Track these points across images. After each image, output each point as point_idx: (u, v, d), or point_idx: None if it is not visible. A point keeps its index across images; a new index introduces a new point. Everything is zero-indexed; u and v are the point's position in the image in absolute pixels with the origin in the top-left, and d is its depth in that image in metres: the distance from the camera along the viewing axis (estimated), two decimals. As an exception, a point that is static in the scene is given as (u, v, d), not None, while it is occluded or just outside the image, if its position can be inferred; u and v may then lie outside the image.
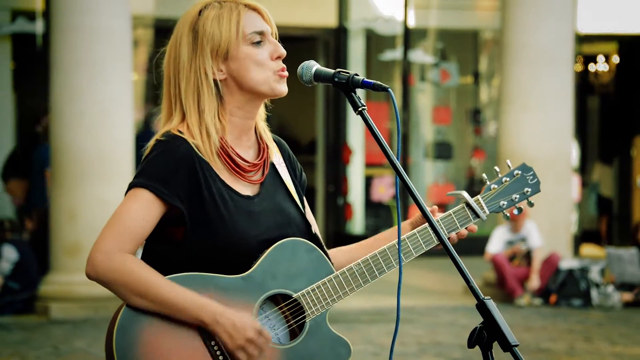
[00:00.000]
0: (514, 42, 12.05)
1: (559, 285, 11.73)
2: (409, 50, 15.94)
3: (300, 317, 2.86)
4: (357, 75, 2.78)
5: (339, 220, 15.88)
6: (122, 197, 2.85)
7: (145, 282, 2.73)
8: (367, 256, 2.91)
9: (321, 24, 15.91)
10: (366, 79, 2.75)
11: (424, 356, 8.63)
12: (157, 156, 2.80)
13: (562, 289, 11.72)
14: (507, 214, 3.03)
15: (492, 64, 16.56)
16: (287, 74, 2.90)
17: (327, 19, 15.74)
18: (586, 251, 16.33)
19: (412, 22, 16.06)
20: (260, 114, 2.97)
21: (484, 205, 3.00)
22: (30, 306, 10.88)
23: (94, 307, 10.42)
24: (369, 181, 16.22)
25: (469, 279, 2.59)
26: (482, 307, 2.57)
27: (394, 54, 16.21)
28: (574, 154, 14.33)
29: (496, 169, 3.04)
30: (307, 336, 2.85)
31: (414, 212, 3.05)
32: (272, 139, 3.03)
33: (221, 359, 2.77)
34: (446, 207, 15.42)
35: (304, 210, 3.01)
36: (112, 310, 2.80)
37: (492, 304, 2.58)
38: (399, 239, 2.89)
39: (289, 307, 2.86)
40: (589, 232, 17.81)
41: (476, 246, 11.79)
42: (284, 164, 3.02)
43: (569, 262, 11.91)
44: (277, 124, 3.71)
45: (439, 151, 16.76)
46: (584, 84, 17.91)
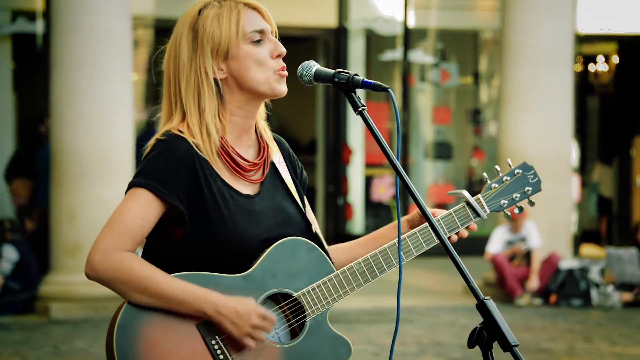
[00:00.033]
0: (514, 42, 12.05)
1: (559, 285, 11.73)
2: (409, 50, 15.94)
3: (300, 316, 2.86)
4: (357, 75, 2.78)
5: (339, 220, 15.87)
6: (122, 196, 2.85)
7: (144, 277, 2.73)
8: (367, 255, 2.91)
9: (321, 24, 15.90)
10: (366, 79, 2.75)
11: (424, 356, 8.63)
12: (157, 155, 2.80)
13: (562, 289, 11.72)
14: (508, 213, 3.03)
15: (492, 64, 16.56)
16: (286, 74, 2.90)
17: (327, 19, 15.74)
18: (586, 251, 16.32)
19: (412, 23, 16.06)
20: (260, 112, 2.97)
21: (484, 204, 3.00)
22: (30, 306, 10.88)
23: (94, 307, 10.42)
24: (369, 181, 16.22)
25: (469, 279, 2.59)
26: (482, 307, 2.57)
27: (394, 54, 16.21)
28: (574, 154, 14.32)
29: (497, 168, 3.04)
30: (308, 335, 2.85)
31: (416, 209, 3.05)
32: (272, 137, 3.03)
33: (221, 358, 2.77)
34: (446, 207, 15.37)
35: (304, 209, 3.01)
36: (112, 310, 2.80)
37: (492, 304, 2.57)
38: (399, 239, 2.89)
39: (289, 307, 2.86)
40: (589, 232, 17.80)
41: (476, 246, 11.78)
42: (284, 163, 3.02)
43: (568, 262, 11.91)
44: (277, 124, 3.71)
45: (439, 151, 16.76)
46: (584, 84, 17.91)
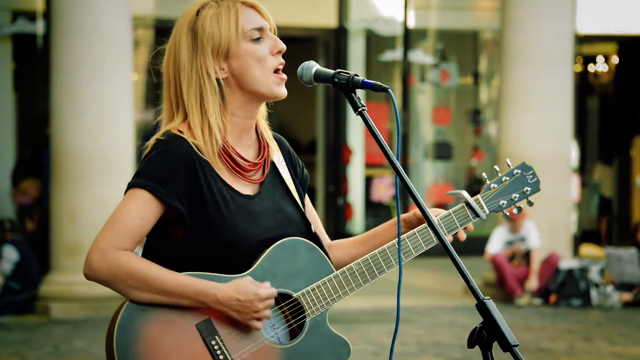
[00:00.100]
0: (514, 42, 12.06)
1: (559, 285, 11.73)
2: (409, 50, 15.94)
3: (300, 316, 2.86)
4: (357, 75, 2.78)
5: (339, 220, 15.87)
6: (122, 197, 2.85)
7: (143, 273, 2.73)
8: (367, 255, 2.91)
9: (321, 25, 15.90)
10: (366, 80, 2.75)
11: (424, 356, 8.64)
12: (156, 156, 2.80)
13: (562, 289, 11.73)
14: (507, 213, 3.03)
15: (491, 64, 16.56)
16: (285, 77, 2.89)
17: (327, 19, 15.74)
18: (586, 251, 16.32)
19: (412, 23, 16.06)
20: (261, 112, 2.97)
21: (483, 204, 3.00)
22: (30, 306, 10.88)
23: (94, 307, 10.43)
24: (369, 181, 16.22)
25: (468, 279, 2.60)
26: (482, 307, 2.57)
27: (394, 55, 16.21)
28: (574, 154, 14.33)
29: (496, 168, 3.04)
30: (307, 336, 2.85)
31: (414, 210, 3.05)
32: (273, 137, 3.03)
33: (221, 358, 2.77)
34: (446, 207, 15.39)
35: (304, 209, 3.01)
36: (112, 310, 2.80)
37: (491, 304, 2.58)
38: (399, 239, 2.89)
39: (289, 307, 2.87)
40: (589, 232, 17.81)
41: (476, 246, 11.78)
42: (284, 163, 3.02)
43: (568, 262, 11.92)
44: (278, 124, 3.71)
45: (438, 151, 16.76)
46: (584, 85, 17.91)
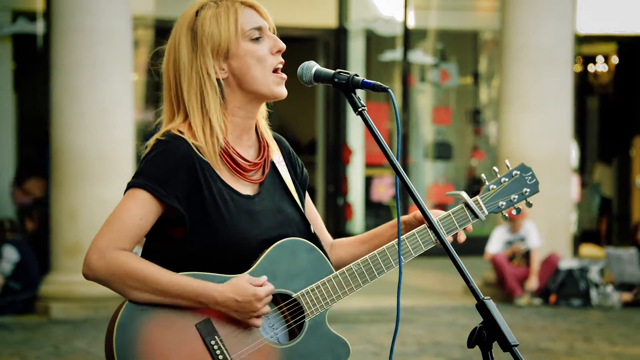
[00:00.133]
0: (514, 42, 12.06)
1: (559, 285, 11.74)
2: (409, 50, 15.95)
3: (299, 317, 2.86)
4: (357, 75, 2.78)
5: (339, 220, 15.88)
6: (122, 196, 2.85)
7: (141, 273, 2.73)
8: (366, 256, 2.92)
9: (321, 25, 15.91)
10: (366, 80, 2.76)
11: (424, 356, 8.64)
12: (156, 156, 2.80)
13: (562, 289, 11.73)
14: (506, 215, 3.03)
15: (491, 64, 16.57)
16: (285, 77, 2.89)
17: (327, 19, 15.74)
18: (585, 251, 16.32)
19: (412, 23, 16.06)
20: (261, 112, 2.97)
21: (482, 205, 3.00)
22: (30, 306, 10.88)
23: (94, 307, 10.43)
24: (369, 181, 16.23)
25: (468, 279, 2.60)
26: (481, 307, 2.58)
27: (394, 55, 16.22)
28: (574, 154, 14.33)
29: (495, 169, 3.04)
30: (306, 336, 2.86)
31: (414, 211, 3.06)
32: (273, 137, 3.03)
33: (220, 358, 2.77)
34: (446, 207, 15.43)
35: (304, 209, 3.01)
36: (112, 310, 2.80)
37: (491, 304, 2.58)
38: (399, 239, 2.90)
39: (288, 307, 2.87)
40: (589, 232, 17.81)
41: (476, 246, 11.78)
42: (284, 163, 3.02)
43: (568, 262, 11.92)
44: (278, 124, 3.70)
45: (438, 151, 16.76)
46: (584, 85, 17.92)
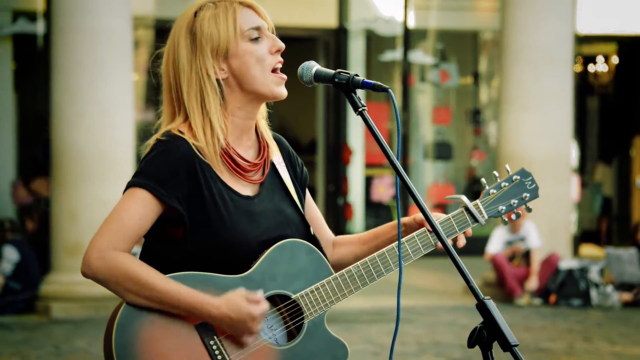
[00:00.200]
0: (514, 42, 12.06)
1: (559, 285, 11.74)
2: (409, 50, 15.95)
3: (298, 318, 2.86)
4: (357, 75, 2.78)
5: (339, 220, 15.88)
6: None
7: (139, 279, 2.72)
8: (366, 259, 2.92)
9: (321, 25, 15.91)
10: (366, 80, 2.76)
11: (424, 356, 8.64)
12: (157, 156, 2.80)
13: (562, 289, 11.74)
14: (506, 219, 3.04)
15: (491, 64, 16.57)
16: (285, 77, 2.89)
17: (327, 19, 15.75)
18: (585, 251, 16.33)
19: (412, 23, 16.07)
20: (261, 112, 2.96)
21: (482, 210, 3.00)
22: (31, 306, 10.89)
23: (94, 306, 10.44)
24: (369, 181, 16.24)
25: (468, 279, 2.60)
26: (482, 307, 2.58)
27: (394, 55, 16.22)
28: (574, 154, 14.34)
29: (495, 173, 3.05)
30: (305, 337, 2.85)
31: (414, 212, 3.06)
32: (273, 137, 3.03)
33: (219, 358, 2.77)
34: (445, 207, 15.43)
35: (304, 210, 3.01)
36: (112, 309, 2.80)
37: (492, 304, 2.58)
38: (399, 240, 2.90)
39: (287, 308, 2.86)
40: (589, 232, 17.82)
41: (476, 246, 11.78)
42: (284, 163, 3.01)
43: (568, 262, 11.92)
44: (278, 125, 3.70)
45: (438, 151, 16.77)
46: (584, 85, 17.92)
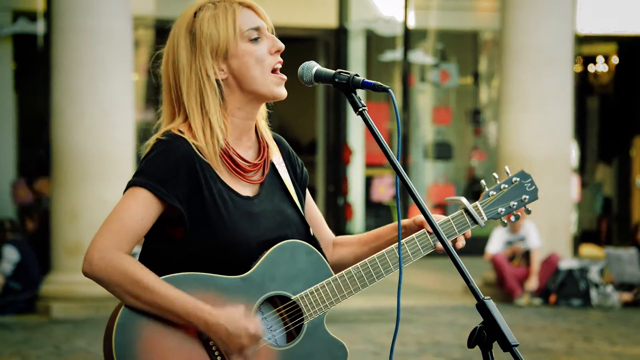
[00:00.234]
0: (514, 42, 12.07)
1: (559, 285, 11.74)
2: (409, 51, 15.95)
3: (298, 319, 2.86)
4: (357, 75, 2.78)
5: (339, 220, 15.88)
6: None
7: (139, 283, 2.72)
8: (365, 260, 2.92)
9: (321, 25, 15.92)
10: (366, 80, 2.75)
11: (424, 356, 8.64)
12: (157, 155, 2.79)
13: (562, 289, 11.74)
14: (505, 221, 3.04)
15: (491, 64, 16.57)
16: (285, 77, 2.89)
17: (327, 19, 15.75)
18: (585, 251, 16.33)
19: (412, 23, 16.07)
20: (261, 112, 2.96)
21: (482, 211, 3.01)
22: (31, 306, 10.90)
23: (95, 306, 10.44)
24: (369, 181, 16.24)
25: (468, 279, 2.60)
26: (482, 307, 2.58)
27: (394, 55, 16.23)
28: (574, 154, 14.34)
29: (495, 175, 3.05)
30: (305, 339, 2.85)
31: (414, 212, 3.07)
32: (272, 137, 3.02)
33: (219, 359, 2.77)
34: (445, 208, 15.43)
35: (303, 211, 3.01)
36: (112, 309, 2.80)
37: (492, 304, 2.58)
38: (399, 240, 2.90)
39: (287, 309, 2.86)
40: (589, 232, 17.82)
41: (476, 246, 11.78)
42: (284, 164, 3.01)
43: (568, 262, 11.93)
44: (278, 125, 3.71)
45: (438, 151, 16.77)
46: (584, 85, 17.92)
